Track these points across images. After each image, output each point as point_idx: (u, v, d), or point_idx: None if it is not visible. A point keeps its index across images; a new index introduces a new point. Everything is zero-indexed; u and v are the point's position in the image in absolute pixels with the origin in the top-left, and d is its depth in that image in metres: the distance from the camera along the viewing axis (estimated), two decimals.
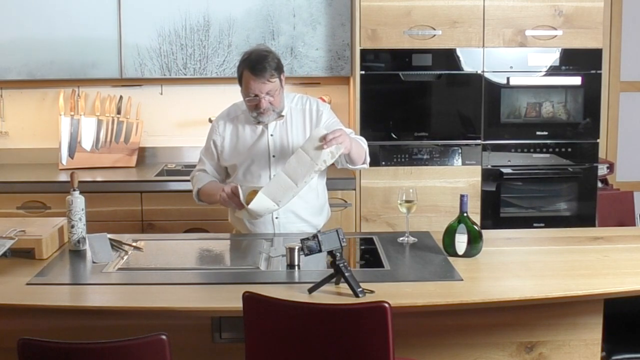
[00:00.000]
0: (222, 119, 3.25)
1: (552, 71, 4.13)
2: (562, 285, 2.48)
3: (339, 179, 4.05)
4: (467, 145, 4.15)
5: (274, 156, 3.14)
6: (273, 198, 2.87)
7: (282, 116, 3.15)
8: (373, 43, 4.05)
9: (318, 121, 3.16)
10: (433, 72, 4.11)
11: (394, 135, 4.13)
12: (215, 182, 3.21)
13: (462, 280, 2.53)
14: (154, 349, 1.99)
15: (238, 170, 3.18)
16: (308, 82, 4.48)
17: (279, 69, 3.06)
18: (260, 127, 3.17)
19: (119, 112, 4.49)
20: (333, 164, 3.01)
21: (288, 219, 3.14)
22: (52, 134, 4.50)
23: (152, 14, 4.26)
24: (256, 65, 3.00)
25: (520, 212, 4.26)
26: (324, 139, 2.83)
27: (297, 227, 3.16)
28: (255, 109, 3.07)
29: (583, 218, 4.21)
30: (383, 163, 4.11)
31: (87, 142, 4.42)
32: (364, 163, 3.15)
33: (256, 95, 3.02)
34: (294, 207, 3.10)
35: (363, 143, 3.15)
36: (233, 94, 4.46)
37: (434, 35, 4.05)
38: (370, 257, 2.90)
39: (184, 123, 4.59)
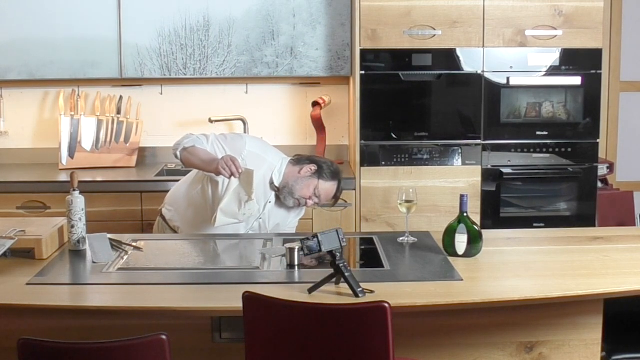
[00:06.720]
0: (252, 143, 3.31)
1: (552, 71, 4.13)
2: (562, 285, 2.48)
3: None
4: (467, 145, 4.15)
5: (260, 218, 3.23)
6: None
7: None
8: (373, 43, 4.05)
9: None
10: (433, 72, 4.11)
11: (394, 135, 4.12)
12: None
13: (462, 280, 2.53)
14: (154, 349, 1.99)
15: (219, 185, 3.18)
16: (308, 82, 4.48)
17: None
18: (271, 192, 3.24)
19: (119, 112, 4.48)
20: None
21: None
22: (52, 134, 4.50)
23: (152, 14, 4.26)
24: (337, 193, 3.25)
25: (520, 212, 4.25)
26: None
27: None
28: (296, 197, 3.19)
29: (583, 218, 4.21)
30: (383, 163, 4.11)
31: (87, 142, 4.42)
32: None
33: (311, 198, 3.19)
34: None
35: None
36: (233, 94, 4.53)
37: (434, 35, 4.05)
38: (370, 257, 2.90)
39: (184, 123, 4.58)
